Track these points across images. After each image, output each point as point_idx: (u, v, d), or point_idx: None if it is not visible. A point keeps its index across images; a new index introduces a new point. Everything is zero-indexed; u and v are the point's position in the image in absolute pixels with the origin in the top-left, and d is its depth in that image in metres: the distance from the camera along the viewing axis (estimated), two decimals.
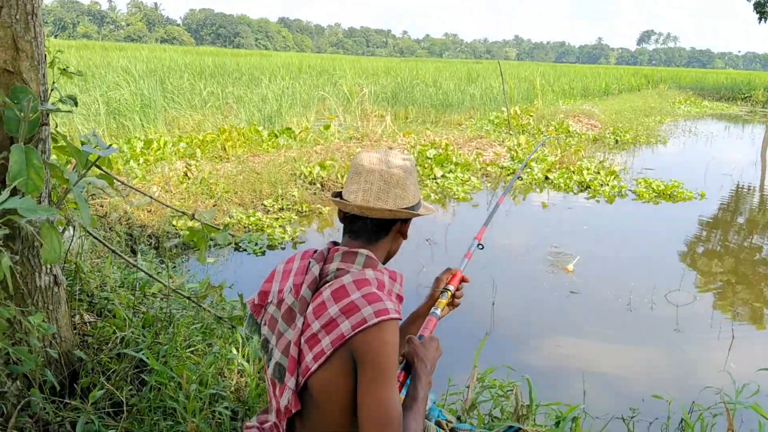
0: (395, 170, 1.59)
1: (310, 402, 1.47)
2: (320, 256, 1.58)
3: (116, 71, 13.95)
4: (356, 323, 1.40)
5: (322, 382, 1.44)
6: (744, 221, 7.15)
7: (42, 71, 1.89)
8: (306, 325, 1.47)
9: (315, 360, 1.43)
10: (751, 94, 27.71)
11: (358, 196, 1.57)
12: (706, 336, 3.91)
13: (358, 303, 1.43)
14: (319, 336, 1.44)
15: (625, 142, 12.34)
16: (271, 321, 1.59)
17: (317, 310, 1.47)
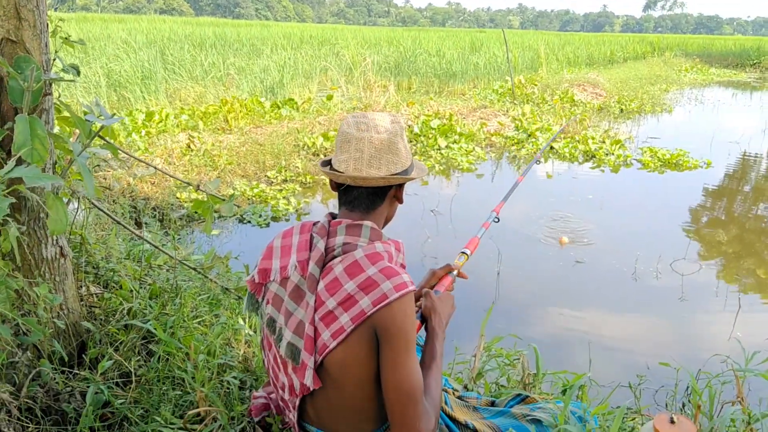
0: (384, 135, 1.53)
1: (327, 378, 1.47)
2: (323, 231, 1.54)
3: (116, 43, 13.83)
4: (377, 299, 1.40)
5: (341, 359, 1.44)
6: (750, 189, 7.11)
7: (44, 40, 1.86)
8: (319, 302, 1.45)
9: (334, 338, 1.42)
10: (761, 61, 27.33)
11: (349, 166, 1.52)
12: (711, 305, 3.92)
13: (376, 278, 1.42)
14: (336, 313, 1.43)
15: (630, 111, 12.24)
16: (275, 299, 1.56)
17: (331, 287, 1.45)
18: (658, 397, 2.62)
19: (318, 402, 1.53)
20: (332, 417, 1.53)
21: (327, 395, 1.50)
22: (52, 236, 1.99)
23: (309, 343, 1.45)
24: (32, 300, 1.89)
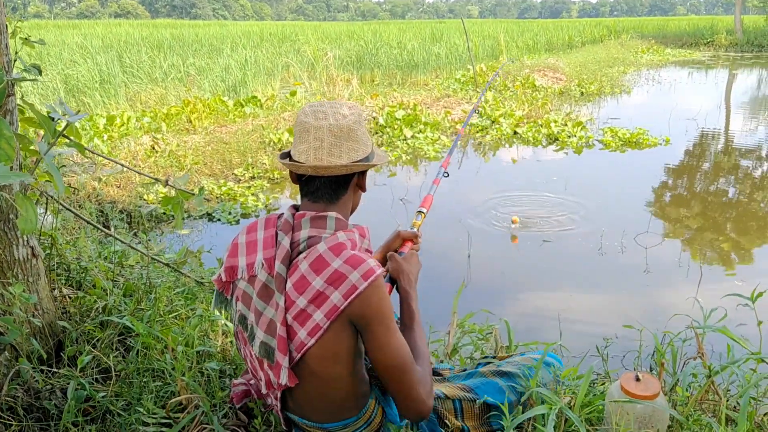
0: (343, 122, 1.50)
1: (305, 373, 1.50)
2: (287, 226, 1.53)
3: (72, 48, 13.60)
4: (347, 291, 1.41)
5: (320, 354, 1.46)
6: (708, 164, 7.31)
7: (4, 42, 1.86)
8: (290, 302, 1.46)
9: (311, 335, 1.44)
10: (714, 39, 27.89)
11: (309, 155, 1.49)
12: (675, 276, 4.05)
13: (343, 270, 1.42)
14: (308, 311, 1.44)
15: (590, 94, 12.45)
16: (244, 297, 1.56)
17: (299, 285, 1.45)
18: (626, 362, 2.72)
19: (297, 394, 1.55)
20: (312, 407, 1.57)
21: (305, 389, 1.53)
22: (23, 237, 1.99)
23: (282, 344, 1.46)
24: (6, 301, 1.89)
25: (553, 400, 1.64)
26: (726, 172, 6.92)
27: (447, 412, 1.72)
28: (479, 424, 1.74)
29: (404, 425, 1.66)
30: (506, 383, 1.79)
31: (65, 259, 2.59)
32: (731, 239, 4.74)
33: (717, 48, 26.85)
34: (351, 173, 1.56)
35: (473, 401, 1.74)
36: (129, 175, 5.69)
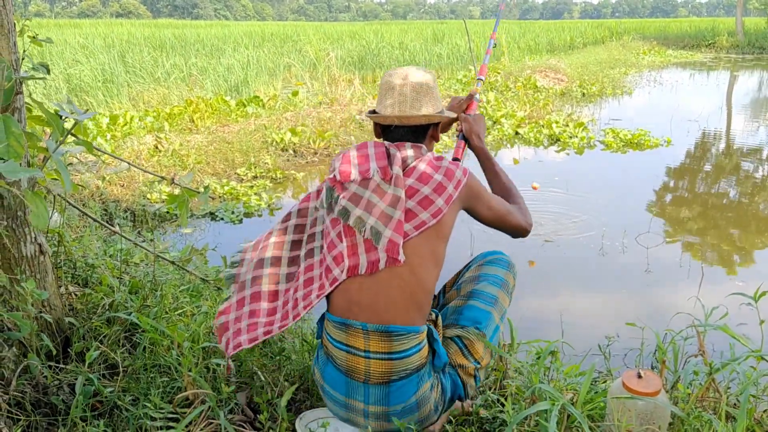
0: (423, 80, 1.83)
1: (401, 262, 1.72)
2: (394, 147, 1.82)
3: (74, 48, 13.63)
4: (456, 184, 1.80)
5: (423, 246, 1.75)
6: (710, 165, 7.33)
7: (12, 40, 1.88)
8: (412, 191, 1.75)
9: (434, 216, 1.75)
10: (715, 41, 27.90)
11: (395, 108, 1.82)
12: (676, 275, 4.06)
13: (451, 167, 1.81)
14: (431, 197, 1.75)
15: (592, 95, 12.46)
16: (352, 197, 1.77)
17: (422, 179, 1.77)
18: (628, 361, 2.73)
19: (370, 290, 1.71)
20: (382, 305, 1.70)
21: (388, 282, 1.71)
22: (31, 234, 2.01)
23: (399, 226, 1.71)
24: (14, 296, 1.92)
25: (556, 397, 1.66)
26: (727, 173, 6.94)
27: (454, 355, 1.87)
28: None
29: (440, 368, 1.81)
30: (480, 302, 1.97)
31: (72, 257, 2.61)
32: (732, 240, 4.75)
33: (718, 50, 26.86)
34: (428, 123, 1.88)
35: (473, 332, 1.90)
36: (133, 174, 5.71)
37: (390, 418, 1.73)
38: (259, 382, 2.07)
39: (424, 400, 1.75)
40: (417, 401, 1.73)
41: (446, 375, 1.83)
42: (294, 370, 2.20)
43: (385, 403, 1.71)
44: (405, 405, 1.72)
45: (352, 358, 1.70)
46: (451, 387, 1.83)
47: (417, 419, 1.77)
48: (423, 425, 1.81)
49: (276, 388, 2.06)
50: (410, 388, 1.71)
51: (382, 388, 1.70)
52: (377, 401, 1.71)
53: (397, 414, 1.73)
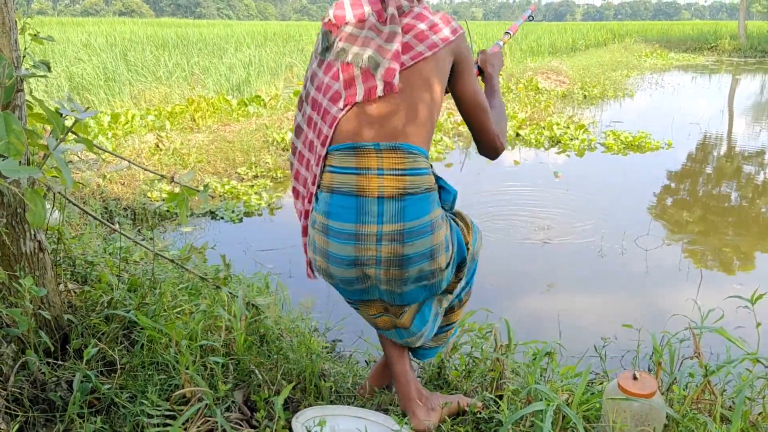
0: None
1: (403, 86, 1.75)
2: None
3: (76, 46, 13.65)
4: (452, 30, 1.80)
5: (423, 72, 1.76)
6: (710, 168, 7.33)
7: (14, 38, 1.89)
8: (409, 27, 1.77)
9: (429, 49, 1.75)
10: (718, 44, 27.88)
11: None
12: (674, 278, 4.07)
13: (448, 16, 1.83)
14: (426, 33, 1.76)
15: (593, 97, 12.47)
16: (349, 37, 1.78)
17: (418, 17, 1.79)
18: (625, 362, 2.74)
19: (375, 112, 1.74)
20: (388, 124, 1.74)
21: (391, 105, 1.74)
22: (30, 231, 2.02)
23: (396, 55, 1.72)
24: (13, 293, 1.92)
25: (552, 397, 1.66)
26: (728, 176, 6.94)
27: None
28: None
29: (450, 204, 1.92)
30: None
31: (71, 254, 2.62)
32: (732, 243, 4.75)
33: (721, 53, 26.85)
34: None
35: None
36: (133, 173, 5.72)
37: (405, 239, 1.71)
38: (256, 380, 2.08)
39: (438, 235, 1.76)
40: (431, 223, 1.73)
41: (454, 228, 1.88)
42: (291, 368, 2.20)
43: (400, 218, 1.70)
44: (421, 223, 1.72)
45: (363, 178, 1.71)
46: (458, 242, 1.87)
47: (429, 270, 1.77)
48: (433, 285, 1.84)
49: (273, 386, 2.06)
50: (425, 206, 1.73)
51: (397, 202, 1.70)
52: (392, 218, 1.70)
53: (413, 234, 1.71)
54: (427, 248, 1.73)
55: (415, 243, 1.71)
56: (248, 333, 2.34)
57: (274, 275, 3.51)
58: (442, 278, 1.83)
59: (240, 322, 2.34)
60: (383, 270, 1.74)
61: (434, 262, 1.76)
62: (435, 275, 1.80)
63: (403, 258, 1.72)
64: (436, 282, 1.83)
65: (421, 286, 1.81)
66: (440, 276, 1.81)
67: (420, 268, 1.75)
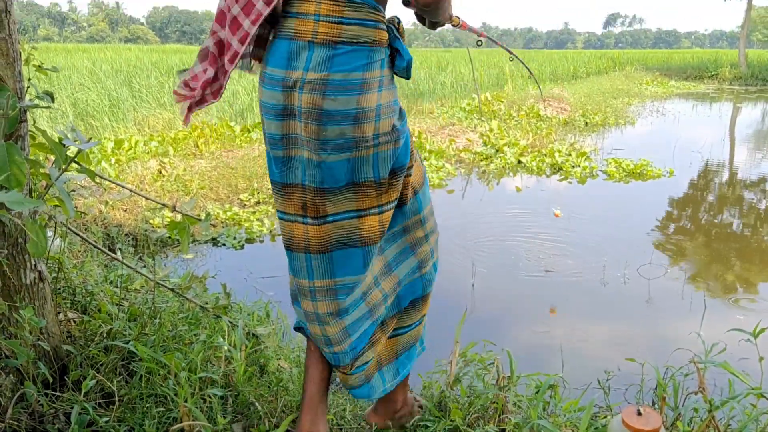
0: None
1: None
2: None
3: (81, 73, 13.79)
4: None
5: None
6: (713, 197, 7.33)
7: (18, 68, 1.91)
8: None
9: None
10: (718, 72, 28.09)
11: None
12: (678, 308, 4.04)
13: None
14: None
15: (595, 124, 12.52)
16: None
17: None
18: (629, 396, 2.71)
19: None
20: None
21: None
22: (31, 261, 2.02)
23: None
24: (13, 324, 1.91)
25: None
26: (730, 204, 6.94)
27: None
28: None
29: (403, 69, 1.67)
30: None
31: (71, 283, 2.61)
32: (735, 272, 4.73)
33: (721, 81, 27.04)
34: None
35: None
36: (136, 199, 5.73)
37: (326, 90, 1.53)
38: (255, 412, 2.06)
39: (368, 98, 1.56)
40: (363, 81, 1.55)
41: (405, 130, 1.70)
42: (292, 400, 2.18)
43: (326, 68, 1.53)
44: (349, 78, 1.54)
45: (301, 22, 1.57)
46: (405, 144, 1.70)
47: (351, 136, 1.58)
48: (358, 163, 1.62)
49: (273, 418, 2.04)
50: (359, 60, 1.55)
51: (327, 50, 1.54)
52: (318, 65, 1.54)
53: (337, 88, 1.53)
54: (351, 108, 1.55)
55: (338, 98, 1.54)
56: (248, 363, 2.32)
57: (275, 303, 3.49)
58: (367, 155, 1.60)
59: (240, 352, 2.33)
60: (303, 124, 1.57)
61: (358, 128, 1.57)
62: (359, 146, 1.59)
63: (322, 112, 1.54)
64: (361, 159, 1.61)
65: (344, 158, 1.59)
66: (365, 151, 1.60)
67: (341, 131, 1.56)
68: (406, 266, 1.89)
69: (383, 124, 1.60)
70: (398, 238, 1.85)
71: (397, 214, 1.81)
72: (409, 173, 1.76)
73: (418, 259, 1.89)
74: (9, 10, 1.87)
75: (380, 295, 1.84)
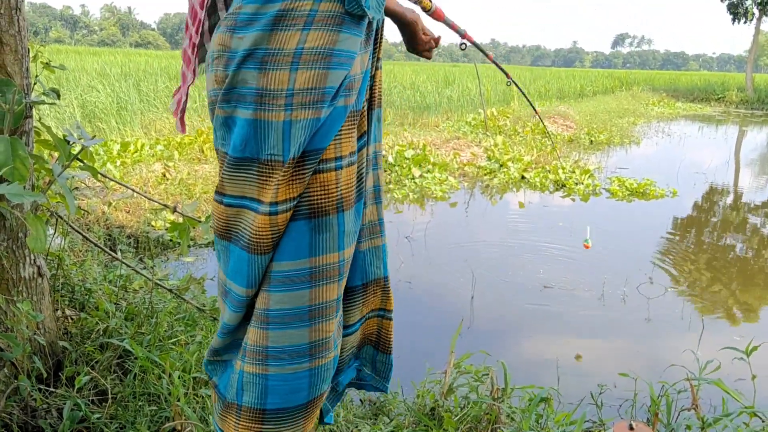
0: None
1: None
2: None
3: (90, 75, 13.87)
4: None
5: None
6: (715, 218, 7.32)
7: (25, 65, 1.93)
8: None
9: None
10: (725, 95, 28.15)
11: None
12: (676, 327, 4.03)
13: None
14: None
15: (600, 143, 12.54)
16: None
17: None
18: (623, 411, 2.70)
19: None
20: None
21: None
22: (31, 256, 2.03)
23: None
24: (10, 317, 1.92)
25: None
26: (733, 227, 6.93)
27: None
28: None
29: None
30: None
31: (70, 280, 2.62)
32: (735, 294, 4.72)
33: (728, 104, 27.08)
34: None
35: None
36: (138, 201, 5.75)
37: (235, 27, 1.22)
38: None
39: (281, 37, 1.19)
40: (279, 14, 1.19)
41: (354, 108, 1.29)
42: None
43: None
44: (262, 9, 1.20)
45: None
46: (328, 123, 1.23)
47: (254, 86, 1.22)
48: (260, 120, 1.23)
49: None
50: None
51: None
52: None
53: (244, 23, 1.21)
54: (260, 45, 1.18)
55: (246, 35, 1.20)
56: None
57: None
58: (277, 120, 1.19)
59: None
60: (214, 74, 1.28)
61: (263, 76, 1.19)
62: (263, 104, 1.20)
63: (229, 54, 1.22)
64: (267, 124, 1.20)
65: (246, 117, 1.22)
66: (273, 113, 1.19)
67: (243, 77, 1.21)
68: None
69: (302, 77, 1.18)
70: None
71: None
72: (328, 168, 1.26)
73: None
74: (19, 8, 1.90)
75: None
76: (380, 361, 1.57)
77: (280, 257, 1.25)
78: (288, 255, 1.25)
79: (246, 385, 1.29)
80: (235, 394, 1.31)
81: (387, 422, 2.28)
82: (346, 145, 1.28)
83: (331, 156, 1.25)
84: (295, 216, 1.24)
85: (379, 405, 2.46)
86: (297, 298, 1.26)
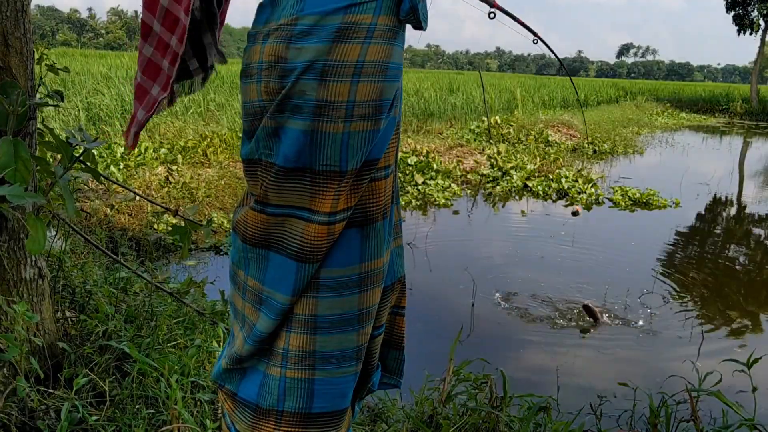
0: None
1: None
2: None
3: (96, 78, 13.91)
4: None
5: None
6: (718, 229, 7.31)
7: (30, 67, 1.94)
8: None
9: None
10: (730, 106, 28.15)
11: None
12: (677, 338, 4.02)
13: None
14: None
15: (603, 152, 12.54)
16: None
17: None
18: (622, 422, 2.69)
19: None
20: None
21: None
22: (31, 257, 2.03)
23: None
24: (10, 318, 1.93)
25: None
26: (736, 238, 6.91)
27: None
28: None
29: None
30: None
31: (71, 282, 2.62)
32: (737, 306, 4.70)
33: (732, 115, 27.07)
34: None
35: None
36: (141, 204, 5.76)
37: (292, 38, 1.17)
38: None
39: (344, 50, 1.16)
40: (340, 27, 1.15)
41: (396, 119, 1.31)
42: None
43: (297, 9, 1.16)
44: (322, 21, 1.15)
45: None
46: (383, 133, 1.25)
47: (312, 97, 1.18)
48: (316, 131, 1.18)
49: None
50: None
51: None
52: (292, 6, 1.17)
53: (303, 35, 1.16)
54: (320, 57, 1.15)
55: (305, 47, 1.15)
56: None
57: None
58: (334, 132, 1.17)
59: None
60: (263, 84, 1.20)
61: (323, 87, 1.15)
62: (322, 115, 1.16)
63: (286, 66, 1.17)
64: (325, 135, 1.17)
65: (300, 128, 1.17)
66: (331, 124, 1.17)
67: (301, 89, 1.16)
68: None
69: (363, 90, 1.17)
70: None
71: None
72: (380, 176, 1.28)
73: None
74: (25, 10, 1.91)
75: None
76: (392, 358, 1.57)
77: (330, 264, 1.26)
78: (339, 262, 1.27)
79: (289, 391, 1.29)
80: (275, 400, 1.29)
81: (385, 429, 2.28)
82: (392, 154, 1.31)
83: (382, 165, 1.27)
84: (348, 224, 1.26)
85: (377, 411, 2.45)
86: (347, 303, 1.28)
